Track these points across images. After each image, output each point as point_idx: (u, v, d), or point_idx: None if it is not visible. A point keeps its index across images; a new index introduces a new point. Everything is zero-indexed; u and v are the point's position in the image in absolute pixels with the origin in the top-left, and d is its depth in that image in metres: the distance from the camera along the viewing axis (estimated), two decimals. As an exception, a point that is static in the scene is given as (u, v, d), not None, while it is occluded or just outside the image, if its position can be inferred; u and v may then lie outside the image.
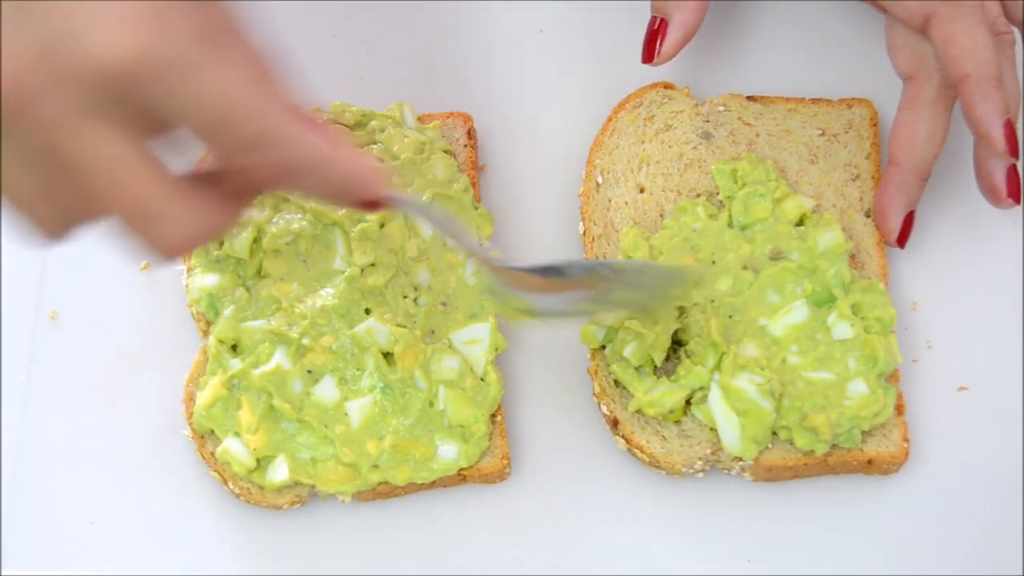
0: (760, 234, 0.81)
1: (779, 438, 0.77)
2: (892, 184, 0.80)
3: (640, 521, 0.79)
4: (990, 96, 0.73)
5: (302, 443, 0.76)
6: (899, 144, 0.79)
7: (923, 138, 0.78)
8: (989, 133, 0.73)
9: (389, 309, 0.78)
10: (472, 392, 0.78)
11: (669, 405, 0.77)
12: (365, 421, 0.76)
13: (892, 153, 0.80)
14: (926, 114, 0.78)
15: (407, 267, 0.80)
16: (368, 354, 0.77)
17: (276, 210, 0.81)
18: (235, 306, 0.79)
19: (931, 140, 0.78)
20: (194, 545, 0.79)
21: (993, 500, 0.79)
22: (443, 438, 0.77)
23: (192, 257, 0.81)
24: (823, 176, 0.85)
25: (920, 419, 0.81)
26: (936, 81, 0.78)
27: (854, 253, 0.82)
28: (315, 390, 0.77)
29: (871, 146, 0.86)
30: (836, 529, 0.79)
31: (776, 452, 0.77)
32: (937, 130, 0.78)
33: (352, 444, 0.76)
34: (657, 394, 0.77)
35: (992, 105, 0.73)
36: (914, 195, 0.80)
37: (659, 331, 0.77)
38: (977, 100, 0.73)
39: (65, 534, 0.80)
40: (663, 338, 0.78)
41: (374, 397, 0.77)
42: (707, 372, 0.77)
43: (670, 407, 0.77)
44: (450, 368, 0.78)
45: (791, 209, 0.82)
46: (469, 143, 0.87)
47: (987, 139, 0.74)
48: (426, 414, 0.77)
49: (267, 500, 0.77)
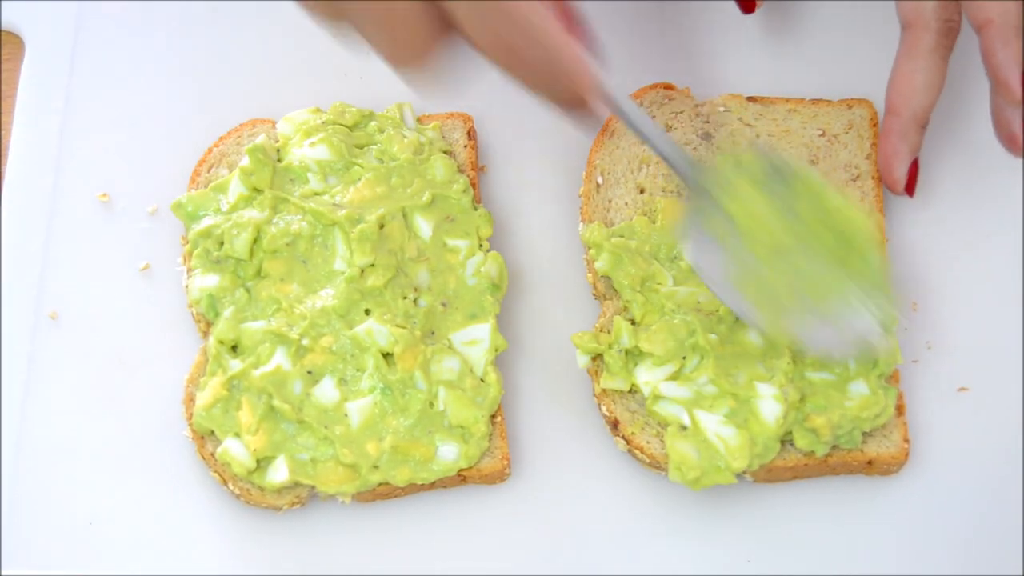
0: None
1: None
2: (893, 134, 0.80)
3: (640, 522, 0.79)
4: (1010, 43, 0.74)
5: (302, 444, 0.76)
6: (898, 93, 0.80)
7: (921, 86, 0.79)
8: (1007, 80, 0.74)
9: (389, 310, 0.78)
10: (472, 393, 0.78)
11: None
12: (365, 422, 0.76)
13: (890, 102, 0.80)
14: (923, 63, 0.79)
15: (407, 268, 0.80)
16: (368, 355, 0.77)
17: (276, 211, 0.81)
18: (235, 307, 0.79)
19: (929, 88, 0.79)
20: (194, 545, 0.79)
21: (993, 500, 0.79)
22: (443, 439, 0.77)
23: (192, 257, 0.81)
24: (823, 176, 0.85)
25: (920, 419, 0.81)
26: (934, 30, 0.78)
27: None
28: (315, 391, 0.77)
29: (871, 146, 0.86)
30: (836, 529, 0.79)
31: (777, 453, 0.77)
32: (934, 79, 0.79)
33: (352, 445, 0.76)
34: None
35: (1012, 52, 0.74)
36: (915, 143, 0.81)
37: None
38: (998, 46, 0.74)
39: (65, 534, 0.79)
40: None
41: (374, 398, 0.77)
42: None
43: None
44: (450, 369, 0.78)
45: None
46: (469, 143, 0.87)
47: (1005, 86, 0.74)
48: (426, 415, 0.77)
49: (267, 501, 0.77)
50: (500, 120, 0.89)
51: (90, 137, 0.89)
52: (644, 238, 0.83)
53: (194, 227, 0.81)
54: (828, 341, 0.75)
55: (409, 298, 0.79)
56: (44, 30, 0.92)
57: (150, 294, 0.85)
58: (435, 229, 0.82)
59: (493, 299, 0.81)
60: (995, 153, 0.79)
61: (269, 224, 0.80)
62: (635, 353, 0.79)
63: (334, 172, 0.83)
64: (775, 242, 0.75)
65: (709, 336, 0.78)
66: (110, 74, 0.91)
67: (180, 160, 0.88)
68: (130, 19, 0.93)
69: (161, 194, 0.87)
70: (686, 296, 0.80)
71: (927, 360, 0.83)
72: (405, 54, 0.63)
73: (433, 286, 0.80)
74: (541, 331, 0.84)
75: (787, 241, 0.75)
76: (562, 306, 0.85)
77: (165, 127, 0.90)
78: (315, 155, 0.82)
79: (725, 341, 0.78)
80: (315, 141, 0.82)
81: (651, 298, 0.80)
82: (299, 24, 0.91)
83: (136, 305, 0.85)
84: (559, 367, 0.83)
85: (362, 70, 0.91)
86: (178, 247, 0.85)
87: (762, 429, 0.76)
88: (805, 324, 0.75)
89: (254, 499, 0.77)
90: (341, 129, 0.84)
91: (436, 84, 0.66)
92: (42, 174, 0.88)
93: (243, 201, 0.81)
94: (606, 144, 0.86)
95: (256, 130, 0.86)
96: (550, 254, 0.87)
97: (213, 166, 0.85)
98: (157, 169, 0.88)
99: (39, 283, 0.86)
